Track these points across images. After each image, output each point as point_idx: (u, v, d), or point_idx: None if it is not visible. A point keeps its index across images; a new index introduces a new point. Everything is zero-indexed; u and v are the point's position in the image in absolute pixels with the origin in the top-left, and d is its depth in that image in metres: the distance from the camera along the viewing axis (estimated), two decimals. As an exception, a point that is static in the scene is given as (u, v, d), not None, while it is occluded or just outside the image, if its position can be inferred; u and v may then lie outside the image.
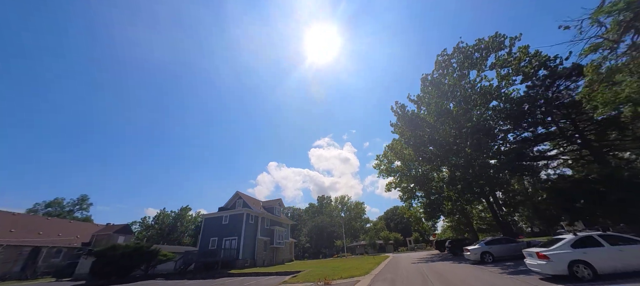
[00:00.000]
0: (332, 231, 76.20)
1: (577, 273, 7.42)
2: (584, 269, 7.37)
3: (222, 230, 27.63)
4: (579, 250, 7.66)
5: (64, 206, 60.53)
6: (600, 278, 7.25)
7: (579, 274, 7.40)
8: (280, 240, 32.45)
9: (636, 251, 7.25)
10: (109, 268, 21.71)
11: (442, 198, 25.41)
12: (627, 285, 6.54)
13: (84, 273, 29.02)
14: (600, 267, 7.29)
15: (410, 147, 24.73)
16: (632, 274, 7.13)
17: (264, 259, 28.41)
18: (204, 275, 21.27)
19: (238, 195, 31.78)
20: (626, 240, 7.57)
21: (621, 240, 7.65)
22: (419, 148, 23.63)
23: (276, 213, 35.23)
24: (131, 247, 22.13)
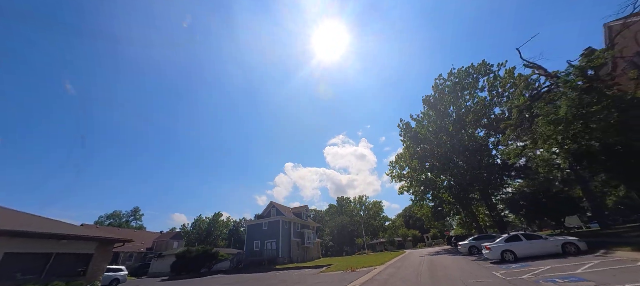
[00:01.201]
0: (353, 230, 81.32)
1: (505, 257, 12.24)
2: (510, 254, 12.18)
3: (263, 234, 33.98)
4: (508, 243, 12.46)
5: (122, 217, 71.23)
6: (520, 260, 12.03)
7: (506, 258, 12.22)
8: (309, 241, 38.31)
9: (540, 243, 11.98)
10: (184, 266, 28.68)
11: (443, 202, 29.77)
12: (531, 262, 11.34)
13: (156, 271, 36.73)
14: (519, 253, 12.08)
15: (415, 159, 29.43)
16: (537, 256, 11.86)
17: (298, 257, 34.39)
18: (254, 270, 27.48)
19: (272, 204, 38.06)
20: (536, 236, 12.29)
21: (533, 236, 12.36)
22: (422, 160, 28.32)
23: (304, 218, 41.14)
24: (200, 250, 28.95)
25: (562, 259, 10.79)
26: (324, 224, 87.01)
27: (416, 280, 10.53)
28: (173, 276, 29.57)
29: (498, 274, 9.50)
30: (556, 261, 10.51)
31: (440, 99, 27.67)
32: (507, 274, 9.26)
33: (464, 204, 26.58)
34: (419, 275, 11.67)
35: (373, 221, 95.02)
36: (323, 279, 14.16)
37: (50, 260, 12.66)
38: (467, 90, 26.92)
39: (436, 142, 26.65)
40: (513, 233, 12.91)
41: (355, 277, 13.36)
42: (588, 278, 6.96)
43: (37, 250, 12.12)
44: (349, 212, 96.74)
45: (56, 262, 12.87)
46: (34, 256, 12.06)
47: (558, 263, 9.94)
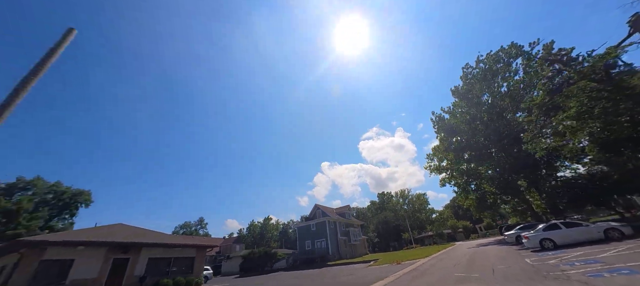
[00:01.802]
0: (398, 225, 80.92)
1: (544, 245, 12.96)
2: (549, 242, 12.87)
3: (312, 234, 37.59)
4: (546, 232, 13.11)
5: (191, 226, 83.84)
6: (560, 247, 12.66)
7: (546, 246, 12.92)
8: (355, 238, 40.72)
9: (580, 230, 12.40)
10: (250, 266, 33.80)
11: (486, 193, 29.00)
12: (570, 249, 12.01)
13: (227, 271, 43.28)
14: (559, 241, 12.70)
15: (451, 151, 29.60)
16: (579, 243, 12.35)
17: (346, 254, 37.10)
18: (309, 267, 31.02)
19: (317, 207, 41.52)
20: (576, 224, 12.69)
21: (574, 224, 12.78)
22: (458, 152, 28.43)
23: (347, 217, 43.69)
24: (261, 251, 33.82)
25: (602, 245, 11.24)
26: (368, 222, 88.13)
27: (453, 268, 12.22)
28: (242, 274, 35.02)
29: (529, 260, 10.69)
30: (595, 247, 11.07)
31: (470, 88, 27.40)
32: (538, 260, 10.42)
33: (512, 192, 25.88)
34: (457, 264, 13.24)
35: (418, 214, 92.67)
36: (372, 271, 16.51)
37: (171, 262, 17.73)
38: (500, 74, 26.16)
39: (471, 132, 26.61)
40: (552, 222, 13.43)
41: (400, 268, 15.43)
42: (605, 261, 8.06)
43: (164, 255, 17.21)
44: (392, 207, 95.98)
45: (174, 264, 17.93)
46: (162, 260, 17.17)
47: (592, 249, 10.61)
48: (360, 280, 12.87)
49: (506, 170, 22.97)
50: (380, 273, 14.83)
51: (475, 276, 9.06)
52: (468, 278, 9.01)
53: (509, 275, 8.39)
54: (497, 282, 7.67)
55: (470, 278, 8.96)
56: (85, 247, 13.56)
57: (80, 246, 13.34)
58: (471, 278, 8.82)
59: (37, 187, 47.10)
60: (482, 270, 10.30)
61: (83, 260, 13.47)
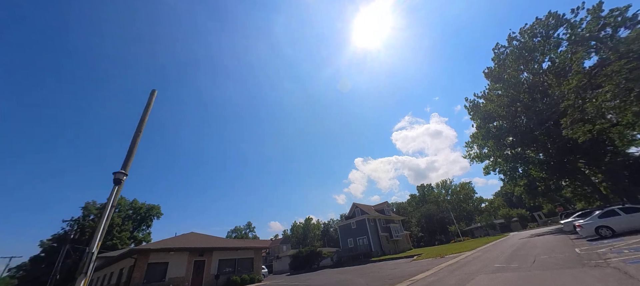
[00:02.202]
0: (442, 218, 77.37)
1: (601, 233, 12.37)
2: (606, 230, 12.26)
3: (354, 232, 38.95)
4: (602, 219, 12.48)
5: (241, 230, 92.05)
6: (619, 235, 11.99)
7: (603, 234, 12.33)
8: (397, 234, 40.87)
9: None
10: (299, 264, 36.55)
11: (536, 179, 26.66)
12: (631, 236, 11.42)
13: (278, 270, 46.97)
14: (618, 228, 12.04)
15: (489, 139, 28.20)
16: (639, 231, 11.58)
17: (389, 249, 37.61)
18: (353, 263, 32.43)
19: (355, 205, 42.72)
20: (636, 209, 11.84)
21: (634, 210, 11.94)
22: (498, 138, 27.00)
23: (387, 213, 43.96)
24: (308, 250, 36.37)
25: (669, 230, 10.49)
26: (409, 216, 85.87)
27: (495, 259, 12.53)
28: (292, 272, 38.05)
29: (578, 250, 10.59)
30: (659, 233, 10.41)
31: (504, 69, 25.77)
32: (588, 249, 10.30)
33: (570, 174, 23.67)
34: (500, 256, 13.42)
35: (465, 204, 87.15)
36: (415, 265, 17.29)
37: (235, 263, 20.95)
38: (538, 50, 24.16)
39: (511, 116, 25.13)
40: (609, 208, 12.68)
41: (442, 262, 15.97)
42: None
43: (230, 257, 20.48)
44: (434, 199, 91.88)
45: (238, 264, 21.13)
46: (229, 261, 20.46)
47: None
48: (403, 272, 13.90)
49: (557, 152, 21.26)
50: (423, 267, 15.62)
51: (514, 266, 9.56)
52: (506, 268, 9.56)
53: (548, 264, 8.77)
54: (533, 270, 8.21)
55: (508, 268, 9.51)
56: (175, 252, 17.26)
57: (171, 252, 17.05)
58: (509, 268, 9.37)
59: (121, 205, 57.31)
60: (524, 260, 10.59)
61: (174, 262, 17.17)
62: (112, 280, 18.85)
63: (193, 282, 17.71)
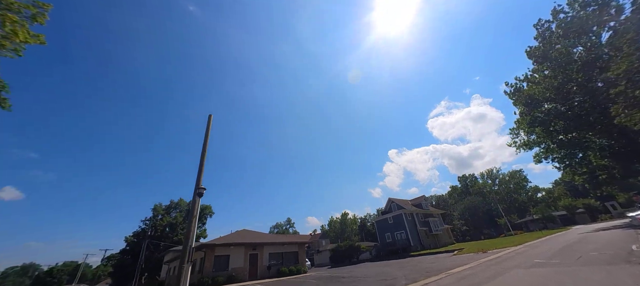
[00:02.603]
0: (489, 210, 72.00)
1: None
2: None
3: (391, 227, 39.29)
4: None
5: (282, 226, 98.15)
6: None
7: None
8: (436, 228, 39.96)
9: None
10: (338, 258, 38.38)
11: (596, 167, 23.52)
12: None
13: (319, 263, 49.57)
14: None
15: (536, 126, 26.02)
16: None
17: (429, 244, 37.12)
18: (392, 258, 32.98)
19: (391, 200, 42.83)
20: None
21: None
22: (547, 125, 24.83)
23: (424, 207, 43.09)
24: (347, 245, 37.98)
25: None
26: (450, 209, 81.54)
27: (538, 255, 12.39)
28: (333, 265, 40.10)
29: (635, 246, 10.11)
30: None
31: (551, 46, 23.43)
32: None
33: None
34: (548, 251, 13.12)
35: (516, 195, 79.54)
36: (455, 260, 17.51)
37: (282, 256, 23.55)
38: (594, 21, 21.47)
39: (562, 98, 22.90)
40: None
41: (483, 257, 15.99)
42: None
43: (278, 251, 23.14)
44: (478, 191, 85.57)
45: (285, 257, 23.69)
46: (278, 254, 23.13)
47: None
48: (441, 266, 14.48)
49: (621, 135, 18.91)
50: (461, 261, 15.89)
51: (554, 262, 9.68)
52: (545, 263, 9.72)
53: (591, 261, 8.79)
54: (572, 266, 8.39)
55: (547, 263, 9.67)
56: (234, 247, 20.40)
57: (231, 246, 20.21)
58: (548, 264, 9.54)
59: (181, 206, 66.13)
60: (568, 256, 10.49)
61: (234, 255, 20.32)
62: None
63: (250, 272, 20.68)
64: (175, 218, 58.62)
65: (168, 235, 53.56)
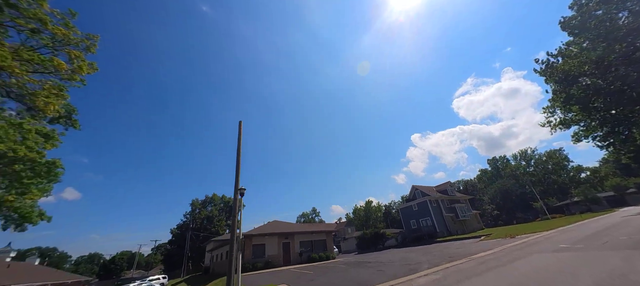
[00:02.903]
0: (523, 194, 68.34)
1: None
2: None
3: (416, 214, 39.57)
4: None
5: (308, 215, 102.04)
6: None
7: None
8: (463, 214, 39.40)
9: None
10: (365, 244, 39.78)
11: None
12: None
13: (346, 249, 51.48)
14: None
15: (572, 104, 24.38)
16: None
17: (456, 230, 36.91)
18: (418, 244, 33.53)
19: (415, 187, 42.80)
20: None
21: None
22: (585, 102, 23.22)
23: (450, 193, 42.46)
24: (372, 232, 39.19)
25: None
26: (480, 193, 78.39)
27: (568, 239, 12.48)
28: (360, 251, 41.66)
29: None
30: None
31: (589, 16, 21.49)
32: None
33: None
34: (580, 235, 13.10)
35: (555, 176, 74.18)
36: (481, 245, 17.85)
37: (312, 244, 25.44)
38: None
39: (602, 73, 21.19)
40: None
41: (510, 242, 16.19)
42: None
43: (308, 239, 25.07)
44: (510, 173, 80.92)
45: (314, 245, 25.57)
46: (308, 242, 25.07)
47: None
48: (465, 252, 15.04)
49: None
50: (487, 247, 16.27)
51: (578, 247, 9.94)
52: (570, 248, 10.02)
53: (617, 246, 8.99)
54: (592, 251, 8.71)
55: (571, 248, 9.96)
56: (269, 236, 22.65)
57: (266, 236, 22.47)
58: (572, 248, 9.84)
59: (214, 200, 71.83)
60: (596, 241, 10.61)
61: (269, 244, 22.59)
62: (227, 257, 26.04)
63: (284, 258, 22.87)
64: (211, 211, 64.14)
65: (206, 227, 58.94)
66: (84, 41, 12.72)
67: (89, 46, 13.03)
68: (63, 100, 12.77)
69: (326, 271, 15.55)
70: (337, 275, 13.09)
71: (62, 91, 12.55)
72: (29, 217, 13.01)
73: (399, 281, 8.91)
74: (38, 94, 11.65)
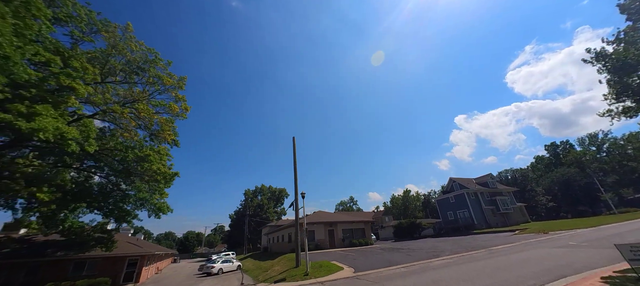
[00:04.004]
0: (589, 184, 61.18)
1: None
2: None
3: (453, 206, 40.38)
4: None
5: (346, 203, 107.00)
6: None
7: None
8: (506, 206, 38.74)
9: None
10: (401, 233, 42.38)
11: None
12: None
13: (383, 237, 54.39)
14: None
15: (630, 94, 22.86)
16: None
17: (496, 222, 36.87)
18: (453, 235, 34.89)
19: (452, 180, 43.15)
20: None
21: None
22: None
23: (491, 186, 41.69)
24: (408, 222, 41.52)
25: None
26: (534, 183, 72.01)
27: (586, 237, 13.87)
28: (397, 239, 44.43)
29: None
30: None
31: None
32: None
33: None
34: (607, 234, 14.27)
35: (634, 163, 64.06)
36: (511, 238, 19.41)
37: (352, 231, 29.52)
38: None
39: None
40: None
41: (541, 237, 17.61)
42: None
43: (348, 227, 29.23)
44: (574, 160, 72.17)
45: (354, 232, 29.59)
46: (348, 230, 29.23)
47: None
48: (490, 243, 17.14)
49: None
50: (515, 240, 17.98)
51: (583, 245, 11.74)
52: (576, 246, 11.86)
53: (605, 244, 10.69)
54: (590, 249, 10.63)
55: (578, 246, 11.81)
56: (316, 225, 27.45)
57: (315, 224, 27.31)
58: (578, 246, 11.71)
59: (263, 191, 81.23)
60: (611, 240, 12.08)
61: (317, 230, 27.41)
62: (284, 239, 31.82)
63: (329, 243, 27.48)
64: (261, 200, 73.33)
65: (258, 213, 68.01)
66: (179, 83, 18.33)
67: (180, 84, 18.68)
68: (174, 133, 18.70)
69: (365, 252, 19.42)
70: (374, 256, 16.81)
71: (173, 123, 18.43)
72: (163, 209, 19.61)
73: (420, 263, 12.19)
74: (164, 129, 17.61)
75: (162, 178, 18.33)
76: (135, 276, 20.66)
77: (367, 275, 10.90)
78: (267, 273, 17.48)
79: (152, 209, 19.50)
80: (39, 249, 18.81)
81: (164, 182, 18.88)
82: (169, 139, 18.57)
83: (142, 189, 18.28)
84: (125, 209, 17.50)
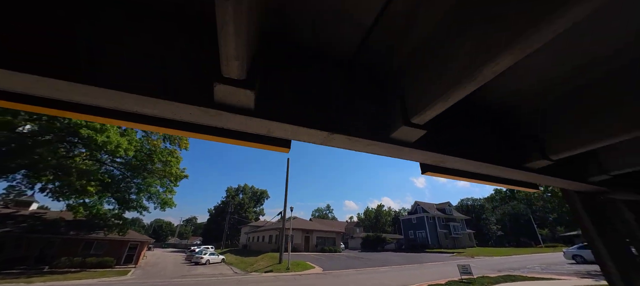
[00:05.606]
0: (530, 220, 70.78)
1: (576, 260, 17.39)
2: (579, 258, 17.23)
3: (414, 226, 46.59)
4: (579, 250, 17.35)
5: (322, 211, 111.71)
6: (588, 262, 16.86)
7: (577, 261, 17.33)
8: (457, 232, 45.59)
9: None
10: (367, 245, 47.81)
11: None
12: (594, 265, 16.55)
13: (352, 247, 59.49)
14: (587, 257, 16.92)
15: None
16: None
17: (446, 244, 43.41)
18: (410, 251, 40.80)
19: (417, 203, 49.56)
20: None
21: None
22: None
23: (448, 212, 48.57)
24: (375, 236, 47.04)
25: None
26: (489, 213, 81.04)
27: (488, 265, 19.61)
28: (362, 250, 49.72)
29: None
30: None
31: None
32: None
33: None
34: (509, 262, 20.12)
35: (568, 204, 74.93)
36: (446, 258, 25.08)
37: (325, 239, 34.21)
38: None
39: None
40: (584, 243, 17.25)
41: (469, 260, 23.37)
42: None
43: (322, 235, 33.90)
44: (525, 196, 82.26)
45: (326, 240, 34.28)
46: (322, 238, 33.87)
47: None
48: (429, 260, 22.55)
49: None
50: (448, 259, 23.54)
51: (474, 266, 17.30)
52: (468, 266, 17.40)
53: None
54: (478, 269, 16.11)
55: (471, 266, 17.35)
56: (294, 230, 31.86)
57: (294, 230, 31.71)
58: (470, 266, 17.24)
59: (245, 190, 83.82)
60: (497, 266, 17.77)
61: (296, 236, 31.73)
62: (265, 240, 35.74)
63: (304, 247, 31.92)
64: (242, 199, 76.02)
65: (238, 211, 70.69)
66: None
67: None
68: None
69: (333, 258, 24.20)
70: (340, 261, 21.62)
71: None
72: (169, 204, 23.13)
73: (371, 268, 17.12)
74: (182, 138, 21.39)
75: (174, 178, 22.11)
76: (135, 258, 23.79)
77: (331, 272, 15.60)
78: (253, 267, 21.58)
79: (159, 203, 23.02)
80: (51, 226, 21.52)
81: (175, 181, 22.61)
82: (185, 146, 22.48)
83: (153, 184, 21.70)
84: (137, 200, 20.84)
